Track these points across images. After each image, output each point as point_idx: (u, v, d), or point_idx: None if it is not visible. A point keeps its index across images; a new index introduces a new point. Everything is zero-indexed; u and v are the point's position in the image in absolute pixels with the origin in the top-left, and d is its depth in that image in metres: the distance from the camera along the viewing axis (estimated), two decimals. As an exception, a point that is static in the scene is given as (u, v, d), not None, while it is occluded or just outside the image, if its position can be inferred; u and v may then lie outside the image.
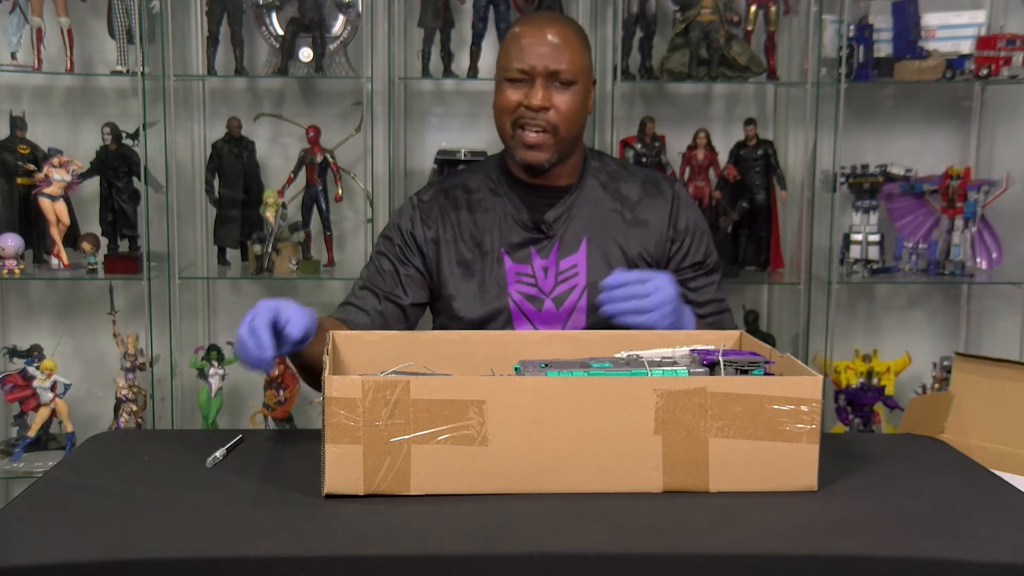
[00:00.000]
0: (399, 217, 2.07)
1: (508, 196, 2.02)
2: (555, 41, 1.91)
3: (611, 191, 2.04)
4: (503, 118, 1.95)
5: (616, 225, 2.01)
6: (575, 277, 1.98)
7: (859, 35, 2.92)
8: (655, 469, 1.43)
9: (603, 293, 1.77)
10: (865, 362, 3.00)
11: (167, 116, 2.87)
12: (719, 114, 3.17)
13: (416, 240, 2.02)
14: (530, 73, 1.91)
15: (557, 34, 1.92)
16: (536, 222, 1.99)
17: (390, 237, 2.05)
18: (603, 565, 1.25)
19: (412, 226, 2.03)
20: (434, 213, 2.04)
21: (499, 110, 1.96)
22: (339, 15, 2.98)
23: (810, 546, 1.29)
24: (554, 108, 1.91)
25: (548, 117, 1.91)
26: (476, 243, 2.00)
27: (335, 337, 1.68)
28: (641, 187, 2.05)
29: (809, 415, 1.43)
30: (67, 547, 1.27)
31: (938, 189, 2.99)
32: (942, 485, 1.53)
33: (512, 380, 1.43)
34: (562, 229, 2.00)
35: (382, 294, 2.00)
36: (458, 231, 2.02)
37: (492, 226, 2.01)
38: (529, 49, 1.91)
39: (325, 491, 1.40)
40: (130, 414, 2.88)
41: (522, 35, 1.93)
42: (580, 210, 2.01)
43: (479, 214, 2.02)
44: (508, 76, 1.93)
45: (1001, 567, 1.25)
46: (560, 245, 1.99)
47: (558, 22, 1.99)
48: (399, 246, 2.03)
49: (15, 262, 2.84)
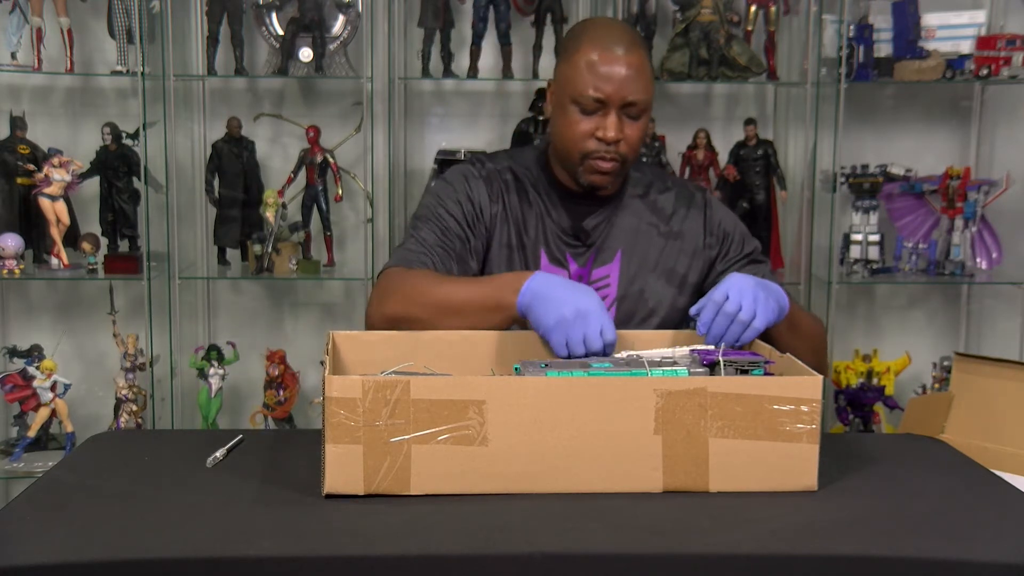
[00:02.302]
0: (465, 182, 1.95)
1: (548, 196, 1.96)
2: (633, 69, 1.82)
3: (648, 203, 1.99)
4: (571, 146, 1.87)
5: (652, 238, 1.97)
6: (606, 288, 1.94)
7: (859, 35, 2.92)
8: (655, 469, 1.43)
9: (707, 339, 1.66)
10: (865, 362, 3.00)
11: (167, 116, 2.87)
12: (719, 114, 3.17)
13: (484, 213, 1.93)
14: (605, 102, 1.82)
15: (635, 62, 1.82)
16: (575, 230, 1.94)
17: (460, 204, 1.92)
18: (603, 565, 1.25)
19: (480, 196, 1.94)
20: (496, 187, 1.95)
21: (567, 138, 1.87)
22: (339, 15, 2.98)
23: (810, 546, 1.29)
24: (625, 140, 1.84)
25: (619, 148, 1.85)
26: (519, 232, 1.94)
27: (335, 337, 1.68)
28: (675, 199, 2.01)
29: (809, 415, 1.43)
30: (67, 547, 1.27)
31: (938, 189, 2.99)
32: (942, 485, 1.53)
33: (512, 380, 1.43)
34: (600, 238, 1.95)
35: (455, 257, 1.89)
36: (509, 213, 1.94)
37: (535, 221, 1.95)
38: (607, 78, 1.81)
39: (325, 491, 1.40)
40: (130, 414, 2.88)
41: (600, 61, 1.82)
42: (619, 220, 1.96)
43: (524, 204, 1.96)
44: (581, 104, 1.84)
45: (1001, 567, 1.25)
46: (596, 254, 1.95)
47: (634, 45, 1.86)
48: (469, 214, 1.92)
49: (15, 262, 2.84)
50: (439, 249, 1.88)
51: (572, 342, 1.61)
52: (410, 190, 3.06)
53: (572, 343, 1.61)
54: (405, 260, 1.87)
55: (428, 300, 1.75)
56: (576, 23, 2.03)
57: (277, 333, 3.19)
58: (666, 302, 1.95)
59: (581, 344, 1.61)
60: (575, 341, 1.61)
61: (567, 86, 1.86)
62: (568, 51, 1.89)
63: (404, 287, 1.79)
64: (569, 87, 1.85)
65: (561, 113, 1.88)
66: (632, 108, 1.84)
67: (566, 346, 1.61)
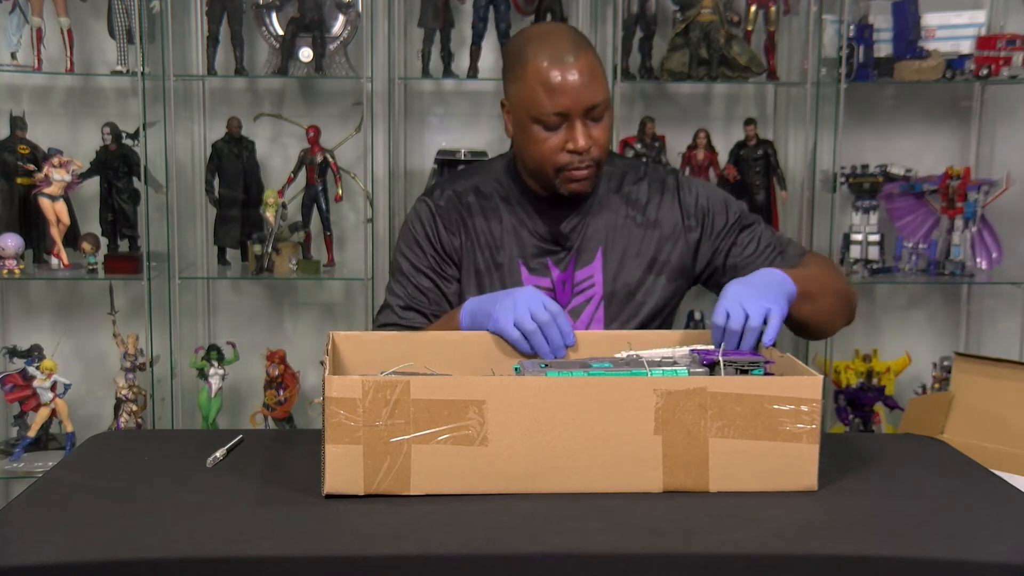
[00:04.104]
0: (421, 226, 1.95)
1: (521, 205, 1.93)
2: (586, 75, 1.77)
3: (623, 196, 1.96)
4: (542, 163, 1.83)
5: (631, 230, 1.94)
6: (591, 288, 1.92)
7: (859, 35, 2.92)
8: (655, 469, 1.43)
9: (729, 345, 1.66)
10: (865, 362, 3.00)
11: (167, 116, 2.87)
12: (719, 114, 3.18)
13: (446, 249, 1.93)
14: (567, 115, 1.79)
15: (586, 66, 1.78)
16: (553, 234, 1.92)
17: (422, 249, 1.93)
18: (603, 565, 1.25)
19: (439, 234, 1.93)
20: (454, 218, 1.93)
21: (537, 157, 1.83)
22: (339, 15, 2.98)
23: (810, 546, 1.29)
24: (594, 143, 1.81)
25: (591, 154, 1.82)
26: (491, 253, 1.93)
27: (335, 337, 1.68)
28: (648, 187, 1.97)
29: (809, 415, 1.43)
30: (67, 547, 1.27)
31: (938, 189, 2.99)
32: (942, 485, 1.53)
33: (512, 380, 1.43)
34: (578, 240, 1.93)
35: (429, 313, 1.91)
36: (475, 239, 1.93)
37: (508, 236, 1.92)
38: (564, 90, 1.77)
39: (325, 491, 1.40)
40: (130, 414, 2.88)
41: (552, 75, 1.77)
42: (594, 219, 1.93)
43: (494, 223, 1.93)
44: (544, 122, 1.80)
45: (1001, 567, 1.25)
46: (577, 256, 1.92)
47: (580, 47, 1.81)
48: (433, 258, 1.93)
49: (15, 262, 2.84)
50: (413, 304, 1.92)
51: (520, 319, 1.66)
52: (410, 190, 3.06)
53: (521, 321, 1.66)
54: (380, 324, 1.94)
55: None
56: (515, 36, 1.94)
57: (277, 333, 3.19)
58: (654, 291, 1.93)
59: (529, 319, 1.66)
60: (523, 318, 1.66)
61: (525, 106, 1.81)
62: (515, 69, 1.83)
63: None
64: (527, 106, 1.80)
65: (524, 133, 1.83)
66: (594, 111, 1.80)
67: (516, 326, 1.67)
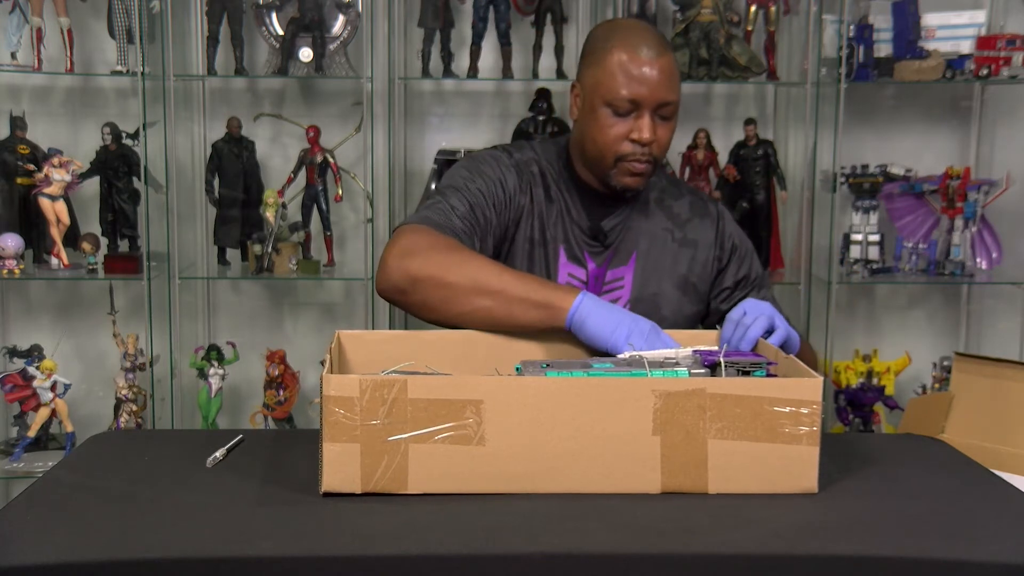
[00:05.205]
0: (498, 168, 1.91)
1: (570, 193, 1.95)
2: (665, 73, 1.81)
3: (664, 207, 1.99)
4: (604, 149, 1.85)
5: (667, 243, 1.96)
6: (619, 290, 1.93)
7: (859, 35, 2.92)
8: (653, 470, 1.43)
9: None
10: (865, 362, 3.00)
11: (167, 116, 2.87)
12: (719, 114, 3.18)
13: (512, 202, 1.90)
14: (639, 104, 1.82)
15: (666, 64, 1.82)
16: (594, 230, 1.93)
17: (493, 182, 1.88)
18: (603, 565, 1.25)
19: (512, 185, 1.90)
20: (526, 178, 1.92)
21: (601, 142, 1.85)
22: (339, 15, 2.98)
23: (810, 546, 1.29)
24: (657, 141, 1.84)
25: (651, 150, 1.84)
26: (542, 227, 1.92)
27: (341, 337, 1.68)
28: (690, 207, 2.00)
29: (809, 417, 1.42)
30: (67, 547, 1.27)
31: (938, 189, 2.99)
32: (942, 485, 1.53)
33: (510, 380, 1.43)
34: (617, 239, 1.94)
35: (479, 235, 1.84)
36: (533, 208, 1.92)
37: (556, 217, 1.93)
38: (642, 80, 1.80)
39: (323, 489, 1.40)
40: (130, 414, 2.89)
41: (634, 63, 1.81)
42: (636, 223, 1.95)
43: (547, 200, 1.93)
44: (615, 106, 1.82)
45: (1001, 567, 1.25)
46: (613, 255, 1.94)
47: (664, 47, 1.85)
48: (500, 198, 1.88)
49: (15, 262, 2.84)
50: (467, 222, 1.82)
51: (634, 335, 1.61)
52: (410, 190, 3.07)
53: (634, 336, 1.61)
54: (431, 222, 1.79)
55: (466, 271, 1.69)
56: (598, 25, 2.00)
57: (277, 333, 3.19)
58: (677, 309, 1.95)
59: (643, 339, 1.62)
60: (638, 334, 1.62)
61: (598, 89, 1.84)
62: (597, 53, 1.87)
63: (437, 249, 1.73)
64: (601, 89, 1.83)
65: (592, 117, 1.86)
66: (665, 109, 1.83)
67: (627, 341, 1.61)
